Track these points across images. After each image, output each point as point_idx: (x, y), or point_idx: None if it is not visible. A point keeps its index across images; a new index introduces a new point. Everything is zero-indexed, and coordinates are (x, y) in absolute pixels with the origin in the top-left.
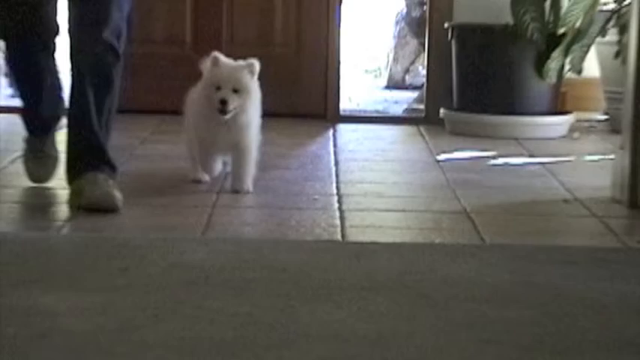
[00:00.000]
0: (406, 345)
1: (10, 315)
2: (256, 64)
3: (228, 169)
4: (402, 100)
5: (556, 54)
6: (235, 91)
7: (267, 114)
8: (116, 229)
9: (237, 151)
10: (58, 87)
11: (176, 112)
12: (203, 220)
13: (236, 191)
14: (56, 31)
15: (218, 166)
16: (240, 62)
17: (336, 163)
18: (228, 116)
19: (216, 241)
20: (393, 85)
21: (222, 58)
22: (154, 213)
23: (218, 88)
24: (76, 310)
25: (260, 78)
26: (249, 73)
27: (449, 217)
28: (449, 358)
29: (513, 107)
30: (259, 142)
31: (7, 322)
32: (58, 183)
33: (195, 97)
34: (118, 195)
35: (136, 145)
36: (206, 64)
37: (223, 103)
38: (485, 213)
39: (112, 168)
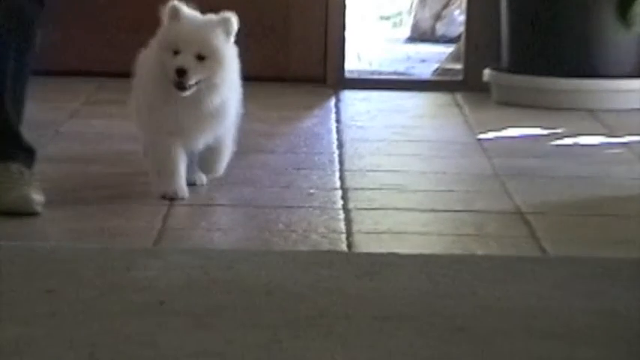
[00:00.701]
0: None
1: None
2: (233, 21)
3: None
4: (432, 58)
5: None
6: (201, 58)
7: (247, 78)
8: (38, 237)
9: (215, 141)
10: None
11: (119, 74)
12: (156, 224)
13: (194, 183)
14: None
15: (184, 164)
16: (211, 17)
17: (340, 146)
18: (187, 93)
19: (174, 253)
20: (419, 36)
21: (185, 9)
22: (89, 214)
23: (176, 53)
24: None
25: (237, 31)
26: (223, 32)
27: (496, 220)
28: None
29: (586, 67)
30: (239, 119)
31: None
32: None
33: (148, 59)
34: (36, 196)
35: (64, 120)
36: (164, 15)
37: (181, 73)
38: (546, 214)
39: (29, 153)
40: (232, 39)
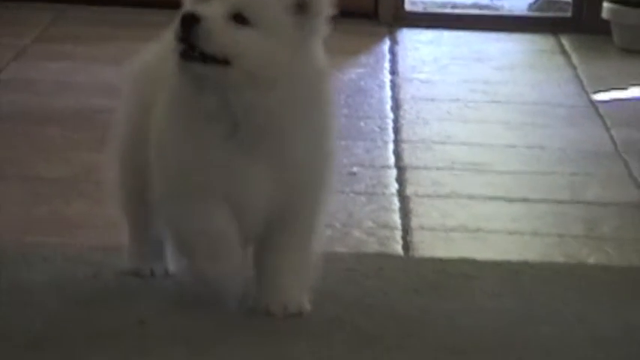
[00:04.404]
0: None
1: None
2: None
3: None
4: None
5: None
6: (239, 19)
7: None
8: None
9: (282, 224)
10: None
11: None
12: None
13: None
14: None
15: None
16: None
17: (396, 107)
18: (194, 68)
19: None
20: None
21: None
22: (43, 197)
23: None
24: None
25: None
26: (291, 2)
27: (616, 215)
28: None
29: None
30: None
31: None
32: None
33: (153, 70)
34: None
35: (6, 62)
36: None
37: (188, 20)
38: None
39: None
40: (316, 23)
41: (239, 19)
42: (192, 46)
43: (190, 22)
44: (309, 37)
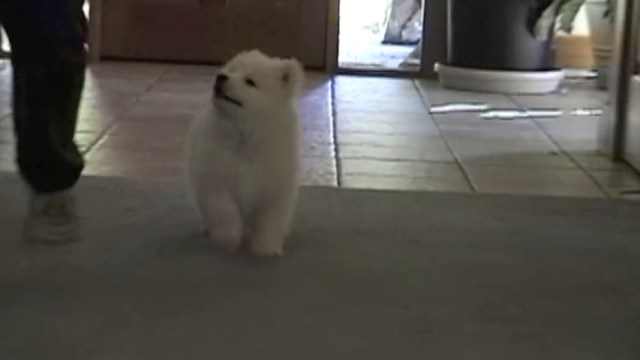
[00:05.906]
0: (398, 284)
1: (22, 249)
2: (296, 67)
3: None
4: (399, 55)
5: (547, 12)
6: (250, 82)
7: None
8: (120, 172)
9: (266, 203)
10: None
11: (180, 61)
12: None
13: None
14: None
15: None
16: (278, 60)
17: (334, 114)
18: (221, 103)
19: None
20: (390, 40)
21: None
22: (160, 157)
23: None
24: (83, 247)
25: (261, 30)
26: (281, 72)
27: (441, 167)
28: (441, 295)
29: (505, 63)
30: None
31: (20, 256)
32: None
33: (201, 120)
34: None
35: (142, 92)
36: None
37: (221, 78)
38: (475, 164)
39: (73, 173)
40: (293, 88)
41: (250, 82)
42: (221, 91)
43: (221, 79)
44: (289, 96)
